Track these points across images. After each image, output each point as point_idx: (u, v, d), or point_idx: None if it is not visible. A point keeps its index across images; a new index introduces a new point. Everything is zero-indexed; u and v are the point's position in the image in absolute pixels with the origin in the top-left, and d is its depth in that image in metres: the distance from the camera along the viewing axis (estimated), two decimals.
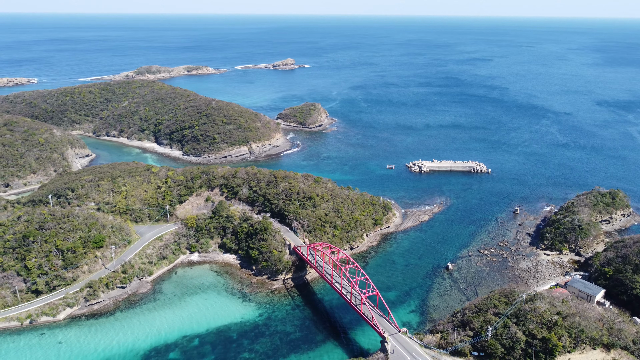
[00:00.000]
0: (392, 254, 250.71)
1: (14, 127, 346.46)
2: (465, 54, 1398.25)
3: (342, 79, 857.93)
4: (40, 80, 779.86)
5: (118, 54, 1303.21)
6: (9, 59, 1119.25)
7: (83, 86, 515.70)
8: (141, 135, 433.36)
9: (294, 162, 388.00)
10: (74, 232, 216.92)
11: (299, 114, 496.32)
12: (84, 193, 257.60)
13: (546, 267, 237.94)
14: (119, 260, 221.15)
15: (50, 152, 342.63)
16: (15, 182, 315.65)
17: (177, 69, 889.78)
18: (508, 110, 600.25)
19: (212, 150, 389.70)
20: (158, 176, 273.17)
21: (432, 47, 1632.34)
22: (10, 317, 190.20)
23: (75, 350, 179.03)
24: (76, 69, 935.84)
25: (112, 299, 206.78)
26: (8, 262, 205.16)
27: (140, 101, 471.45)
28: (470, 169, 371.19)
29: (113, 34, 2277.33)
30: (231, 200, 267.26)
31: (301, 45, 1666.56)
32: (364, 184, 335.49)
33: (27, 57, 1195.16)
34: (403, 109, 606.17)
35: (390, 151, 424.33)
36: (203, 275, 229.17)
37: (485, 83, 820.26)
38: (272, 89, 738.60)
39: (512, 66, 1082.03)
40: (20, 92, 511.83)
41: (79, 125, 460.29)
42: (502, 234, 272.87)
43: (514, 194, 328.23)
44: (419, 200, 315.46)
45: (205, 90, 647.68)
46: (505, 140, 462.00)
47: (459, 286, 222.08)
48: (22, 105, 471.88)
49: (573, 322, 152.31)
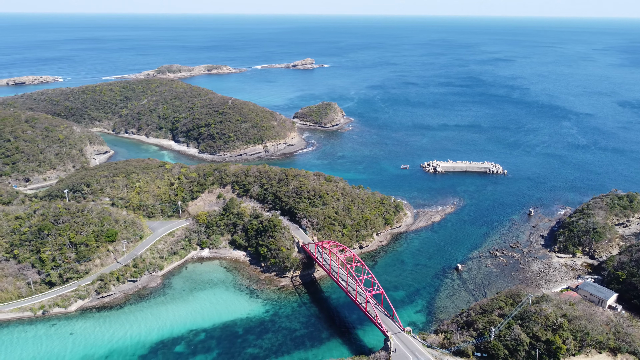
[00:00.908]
0: (402, 254, 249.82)
1: (35, 124, 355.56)
2: (487, 54, 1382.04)
3: (361, 78, 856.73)
4: (64, 79, 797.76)
5: (141, 53, 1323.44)
6: (37, 58, 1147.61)
7: (104, 84, 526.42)
8: (159, 132, 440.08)
9: (308, 161, 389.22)
10: (87, 226, 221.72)
11: (315, 113, 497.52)
12: (99, 188, 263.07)
13: (558, 269, 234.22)
14: (131, 255, 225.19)
15: (70, 148, 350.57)
16: (35, 177, 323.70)
17: (198, 68, 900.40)
18: (528, 111, 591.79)
19: (228, 149, 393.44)
20: (171, 173, 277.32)
21: (454, 48, 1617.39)
22: (24, 308, 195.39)
23: (85, 341, 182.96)
24: (100, 68, 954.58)
25: (123, 292, 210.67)
26: (24, 254, 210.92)
27: (158, 99, 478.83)
28: (486, 170, 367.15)
29: (136, 33, 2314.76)
30: (242, 198, 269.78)
31: (323, 45, 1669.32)
32: (377, 183, 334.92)
33: (54, 55, 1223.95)
34: (421, 108, 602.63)
35: (406, 151, 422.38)
36: (212, 271, 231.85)
37: (506, 83, 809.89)
38: (291, 89, 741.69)
39: (535, 67, 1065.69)
40: (44, 90, 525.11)
41: (99, 123, 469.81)
42: (515, 235, 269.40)
43: (529, 196, 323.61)
44: (431, 201, 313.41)
45: (224, 89, 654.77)
46: (524, 142, 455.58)
47: (467, 287, 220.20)
48: (45, 103, 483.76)
49: (579, 325, 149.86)
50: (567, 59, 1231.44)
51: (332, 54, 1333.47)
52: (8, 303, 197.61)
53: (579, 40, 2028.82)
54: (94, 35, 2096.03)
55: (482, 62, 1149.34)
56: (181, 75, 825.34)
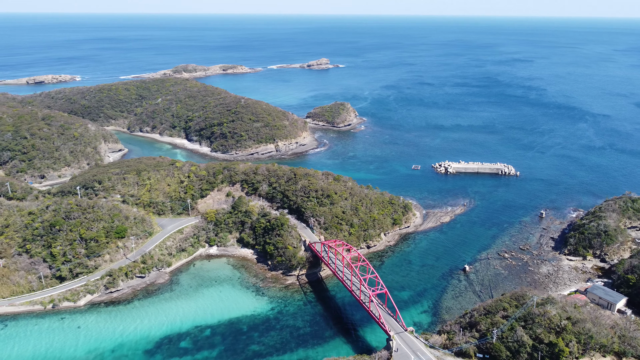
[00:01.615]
0: (409, 254, 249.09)
1: (51, 122, 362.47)
2: (506, 54, 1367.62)
3: (375, 78, 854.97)
4: (83, 78, 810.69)
5: (160, 53, 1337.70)
6: (58, 57, 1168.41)
7: (120, 83, 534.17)
8: (172, 131, 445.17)
9: (319, 161, 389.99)
10: (98, 222, 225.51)
11: (327, 113, 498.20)
12: (110, 185, 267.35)
13: (568, 272, 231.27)
14: (140, 251, 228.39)
15: (84, 146, 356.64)
16: (51, 173, 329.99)
17: (213, 67, 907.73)
18: (544, 112, 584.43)
19: (239, 148, 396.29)
20: (181, 171, 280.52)
21: (472, 48, 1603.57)
22: (35, 301, 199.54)
23: (93, 335, 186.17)
24: (119, 67, 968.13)
25: (131, 288, 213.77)
26: (35, 249, 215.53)
27: (173, 98, 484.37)
28: (498, 171, 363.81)
29: (156, 33, 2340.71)
30: (251, 196, 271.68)
31: (339, 45, 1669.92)
32: (387, 183, 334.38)
33: (75, 55, 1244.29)
34: (434, 109, 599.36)
35: (418, 151, 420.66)
36: (220, 269, 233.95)
37: (523, 84, 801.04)
38: (305, 88, 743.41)
39: (553, 67, 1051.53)
40: (62, 89, 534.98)
41: (114, 121, 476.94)
42: (525, 237, 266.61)
43: (542, 198, 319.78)
44: (441, 201, 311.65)
45: (239, 89, 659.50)
46: (538, 143, 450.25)
47: (474, 288, 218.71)
48: (62, 101, 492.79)
49: (583, 328, 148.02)
50: (587, 60, 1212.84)
51: (348, 54, 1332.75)
52: (20, 296, 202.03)
53: (600, 40, 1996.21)
54: (114, 35, 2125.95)
55: (500, 63, 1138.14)
56: (197, 75, 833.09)
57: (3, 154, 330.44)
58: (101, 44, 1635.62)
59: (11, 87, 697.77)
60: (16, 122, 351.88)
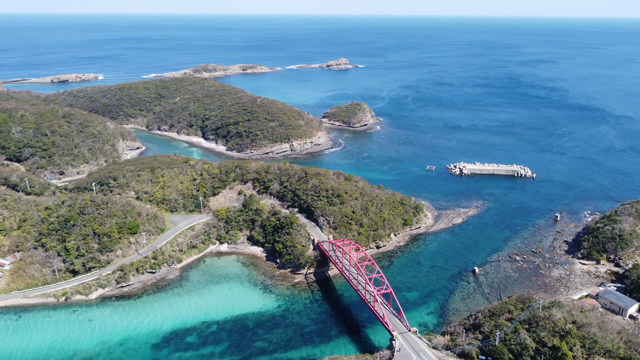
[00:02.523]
0: (419, 255, 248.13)
1: (71, 119, 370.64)
2: (529, 55, 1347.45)
3: (394, 79, 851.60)
4: (105, 77, 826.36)
5: (182, 52, 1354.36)
6: (83, 56, 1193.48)
7: (139, 82, 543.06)
8: (189, 130, 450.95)
9: (333, 161, 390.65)
10: (111, 218, 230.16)
11: (344, 113, 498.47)
12: (125, 182, 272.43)
13: (580, 276, 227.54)
14: (151, 247, 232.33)
15: (103, 144, 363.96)
16: (69, 170, 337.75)
17: (233, 67, 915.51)
18: (565, 113, 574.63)
19: (255, 147, 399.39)
20: (194, 169, 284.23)
21: (494, 48, 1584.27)
22: (48, 294, 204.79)
23: (103, 328, 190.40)
24: (142, 66, 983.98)
25: (142, 283, 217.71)
26: (50, 243, 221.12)
27: (190, 97, 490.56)
28: (514, 173, 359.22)
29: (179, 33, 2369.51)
30: (262, 195, 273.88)
31: (361, 45, 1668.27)
32: (400, 184, 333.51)
33: (100, 54, 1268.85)
34: (452, 109, 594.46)
35: (433, 152, 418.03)
36: (229, 266, 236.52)
37: (546, 85, 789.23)
38: (323, 88, 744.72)
39: (577, 68, 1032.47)
40: (84, 87, 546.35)
41: (134, 119, 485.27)
42: (538, 240, 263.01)
43: (557, 201, 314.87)
44: (454, 203, 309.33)
45: (257, 89, 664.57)
46: (557, 145, 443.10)
47: (483, 291, 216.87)
48: (83, 99, 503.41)
49: (588, 332, 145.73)
50: (613, 61, 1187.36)
51: (368, 54, 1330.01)
52: (34, 289, 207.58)
53: (627, 41, 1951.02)
54: (138, 35, 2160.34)
55: (522, 64, 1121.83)
56: (216, 75, 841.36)
57: (24, 151, 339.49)
58: (125, 43, 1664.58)
59: (36, 86, 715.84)
60: (37, 119, 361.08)
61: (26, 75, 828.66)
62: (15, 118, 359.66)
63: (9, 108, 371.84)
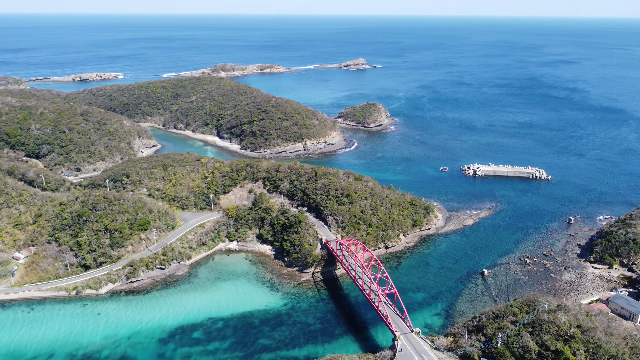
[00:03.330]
0: (428, 256, 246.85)
1: (88, 117, 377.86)
2: (551, 56, 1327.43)
3: (412, 79, 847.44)
4: (125, 75, 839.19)
5: (202, 52, 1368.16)
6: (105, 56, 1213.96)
7: (157, 81, 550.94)
8: (205, 129, 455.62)
9: (346, 160, 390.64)
10: (122, 215, 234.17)
11: (358, 113, 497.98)
12: (138, 179, 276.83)
13: (591, 280, 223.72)
14: (161, 243, 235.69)
15: (119, 141, 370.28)
16: (86, 167, 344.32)
17: (251, 67, 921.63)
18: (585, 115, 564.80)
19: (268, 146, 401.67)
20: (206, 167, 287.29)
21: (516, 49, 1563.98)
22: (60, 287, 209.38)
23: (112, 322, 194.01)
24: (162, 65, 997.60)
25: (151, 279, 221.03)
26: (64, 238, 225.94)
27: (206, 96, 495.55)
28: (529, 175, 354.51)
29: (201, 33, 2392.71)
30: (273, 193, 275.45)
31: (381, 45, 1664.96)
32: (413, 185, 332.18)
33: (122, 53, 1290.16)
34: (469, 110, 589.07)
35: (447, 153, 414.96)
36: (238, 263, 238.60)
37: (566, 86, 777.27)
38: (339, 88, 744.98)
39: (601, 69, 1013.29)
40: (103, 86, 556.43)
41: (151, 118, 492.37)
42: (550, 243, 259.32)
43: (572, 203, 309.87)
44: (467, 204, 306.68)
45: (274, 88, 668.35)
46: (575, 146, 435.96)
47: (491, 293, 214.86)
48: (102, 98, 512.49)
49: (592, 337, 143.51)
50: (638, 62, 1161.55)
51: (388, 55, 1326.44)
52: (47, 282, 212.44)
53: None
54: (161, 35, 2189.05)
55: (544, 64, 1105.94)
56: (234, 74, 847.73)
57: (43, 147, 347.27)
58: (147, 43, 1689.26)
59: (58, 84, 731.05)
60: (56, 117, 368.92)
61: (49, 74, 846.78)
62: (35, 115, 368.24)
63: (29, 106, 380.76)
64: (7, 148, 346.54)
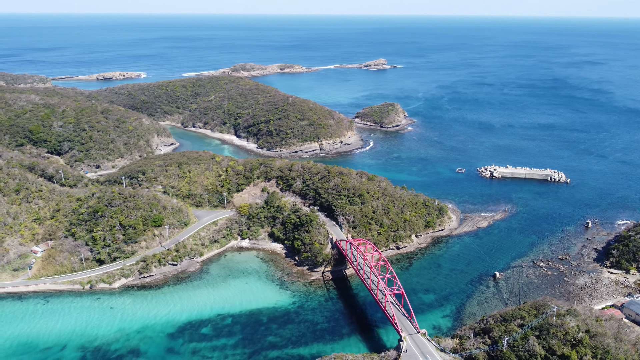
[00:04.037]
0: (440, 258, 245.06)
1: (108, 115, 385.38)
2: (577, 56, 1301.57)
3: (432, 79, 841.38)
4: (148, 74, 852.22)
5: (225, 51, 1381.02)
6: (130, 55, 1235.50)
7: (177, 80, 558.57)
8: (222, 127, 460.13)
9: (362, 160, 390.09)
10: (137, 211, 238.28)
11: (376, 113, 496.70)
12: (153, 176, 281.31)
13: (607, 285, 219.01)
14: (174, 240, 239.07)
15: (137, 139, 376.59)
16: (105, 164, 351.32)
17: (271, 67, 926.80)
18: (609, 116, 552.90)
19: (284, 145, 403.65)
20: (220, 165, 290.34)
21: (541, 49, 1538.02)
22: (75, 281, 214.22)
23: (123, 316, 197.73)
24: (185, 64, 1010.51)
25: (163, 274, 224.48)
26: (80, 233, 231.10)
27: (225, 96, 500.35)
28: (547, 178, 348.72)
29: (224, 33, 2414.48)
30: (285, 192, 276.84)
31: (404, 46, 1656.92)
32: (428, 186, 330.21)
33: (147, 53, 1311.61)
34: (489, 111, 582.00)
35: (464, 154, 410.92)
36: (249, 261, 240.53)
37: (592, 87, 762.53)
38: (358, 88, 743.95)
39: (627, 70, 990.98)
40: (125, 85, 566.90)
41: (170, 116, 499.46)
42: (566, 247, 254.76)
43: (591, 207, 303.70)
44: (481, 206, 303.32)
45: (293, 88, 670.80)
46: (597, 149, 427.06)
47: (502, 296, 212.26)
48: (124, 96, 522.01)
49: (600, 342, 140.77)
50: None
51: (410, 55, 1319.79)
52: (62, 275, 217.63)
53: None
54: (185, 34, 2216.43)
55: (569, 65, 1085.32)
56: (254, 74, 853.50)
57: (64, 144, 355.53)
58: (171, 42, 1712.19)
59: (82, 83, 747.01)
60: (77, 114, 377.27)
61: (74, 72, 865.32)
62: (57, 113, 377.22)
63: (52, 103, 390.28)
64: (30, 144, 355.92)
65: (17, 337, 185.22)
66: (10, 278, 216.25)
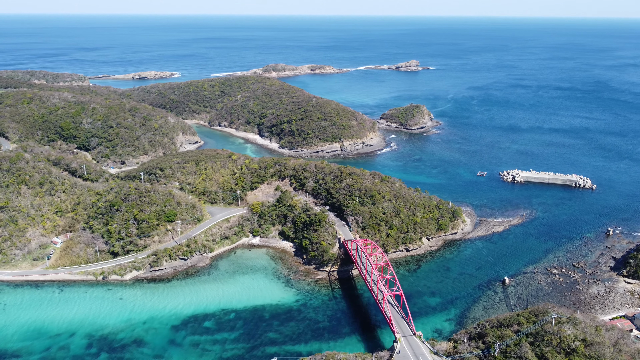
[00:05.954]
0: (449, 261, 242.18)
1: (135, 113, 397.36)
2: (621, 59, 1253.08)
3: (465, 81, 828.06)
4: (182, 74, 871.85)
5: (261, 52, 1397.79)
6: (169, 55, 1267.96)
7: (206, 80, 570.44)
8: (247, 127, 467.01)
9: (382, 162, 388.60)
10: (151, 206, 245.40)
11: (401, 114, 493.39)
12: (171, 173, 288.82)
13: (621, 295, 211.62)
14: (186, 235, 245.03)
15: (162, 137, 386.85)
16: (130, 160, 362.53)
17: (302, 67, 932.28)
18: None
19: (305, 145, 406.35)
20: (236, 163, 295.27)
21: (584, 52, 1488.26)
22: (88, 272, 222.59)
23: (131, 307, 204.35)
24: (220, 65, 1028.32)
25: (173, 268, 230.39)
26: (96, 226, 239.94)
27: (251, 95, 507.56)
28: (572, 183, 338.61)
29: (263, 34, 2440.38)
30: (298, 192, 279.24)
31: (442, 47, 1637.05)
32: (446, 189, 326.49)
33: (185, 53, 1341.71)
34: (519, 113, 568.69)
35: (488, 157, 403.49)
36: (258, 258, 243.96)
37: (635, 90, 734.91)
38: (387, 89, 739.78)
39: None
40: (156, 84, 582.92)
41: (198, 115, 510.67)
42: (583, 254, 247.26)
43: (614, 215, 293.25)
44: (499, 211, 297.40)
45: (321, 89, 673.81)
46: (629, 154, 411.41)
47: (509, 302, 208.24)
48: (154, 95, 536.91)
49: (596, 352, 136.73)
50: None
51: (447, 56, 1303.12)
52: (77, 266, 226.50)
53: None
54: (225, 35, 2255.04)
55: (612, 68, 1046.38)
56: (285, 74, 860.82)
57: (92, 141, 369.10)
58: (211, 43, 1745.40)
59: (118, 82, 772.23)
60: (106, 112, 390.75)
61: (113, 72, 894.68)
62: (87, 110, 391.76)
63: (82, 101, 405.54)
64: (60, 140, 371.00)
65: (32, 323, 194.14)
66: (30, 267, 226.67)
